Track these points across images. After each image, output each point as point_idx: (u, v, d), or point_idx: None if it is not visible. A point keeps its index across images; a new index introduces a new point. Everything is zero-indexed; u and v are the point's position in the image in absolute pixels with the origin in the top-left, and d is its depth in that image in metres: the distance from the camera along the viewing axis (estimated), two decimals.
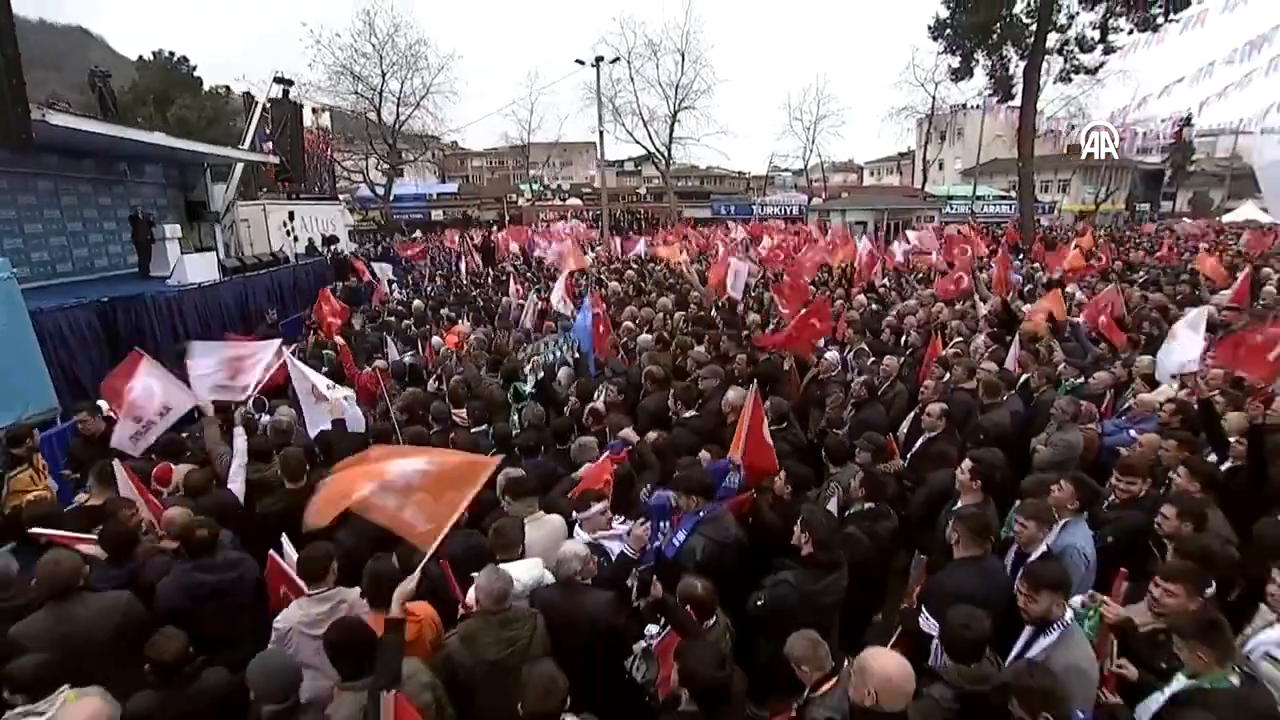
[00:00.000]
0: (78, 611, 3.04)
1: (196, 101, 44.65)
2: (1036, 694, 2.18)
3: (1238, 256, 14.82)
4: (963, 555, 3.29)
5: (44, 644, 2.83)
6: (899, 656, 2.30)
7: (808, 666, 2.56)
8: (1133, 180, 47.54)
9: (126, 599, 3.19)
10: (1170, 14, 24.27)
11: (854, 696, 2.26)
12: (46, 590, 3.02)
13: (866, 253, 13.39)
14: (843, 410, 5.70)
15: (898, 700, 2.19)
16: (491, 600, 2.76)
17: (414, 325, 9.31)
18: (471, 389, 5.87)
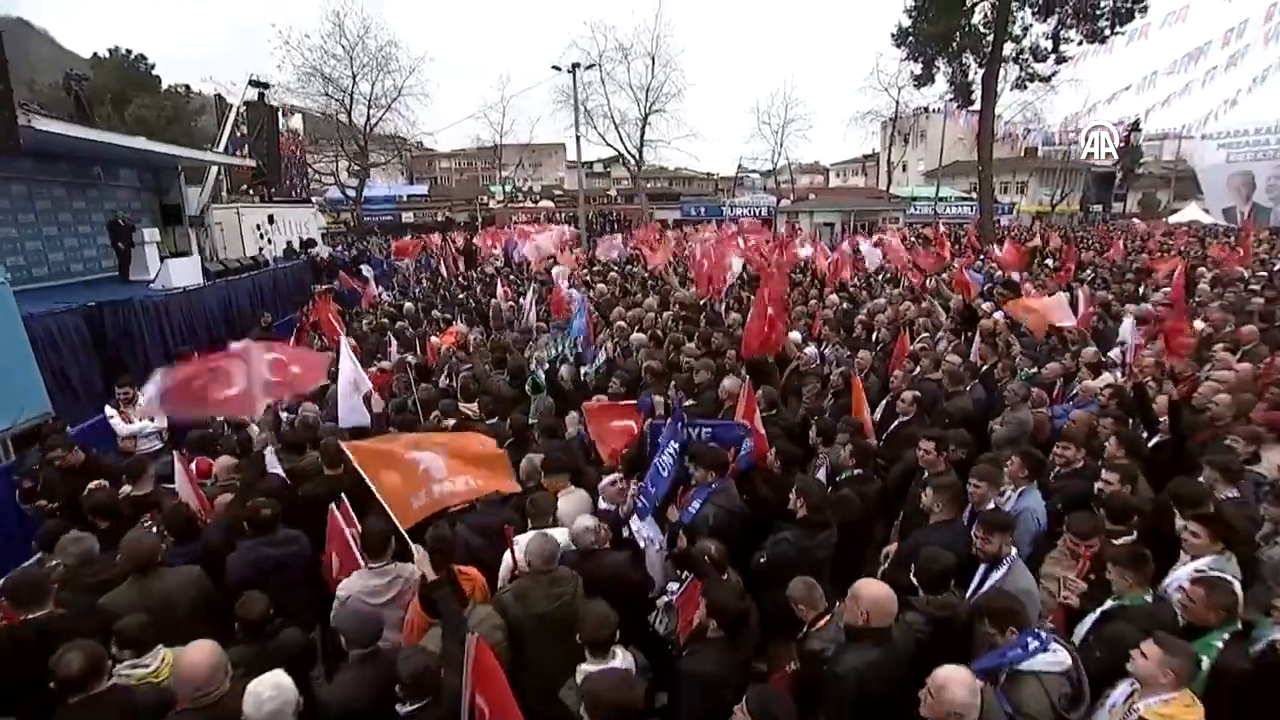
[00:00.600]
0: (157, 585, 3.40)
1: (155, 101, 43.70)
2: (1002, 612, 2.75)
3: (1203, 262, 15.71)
4: (940, 519, 3.87)
5: (131, 613, 3.20)
6: (884, 584, 2.85)
7: (805, 606, 3.07)
8: (1086, 182, 49.56)
9: (198, 573, 3.56)
10: (1116, 27, 25.66)
11: (849, 619, 2.78)
12: (130, 565, 3.37)
13: (836, 256, 14.04)
14: (821, 399, 6.27)
15: (885, 618, 2.73)
16: (542, 560, 3.22)
17: (410, 327, 9.65)
18: (481, 384, 6.27)
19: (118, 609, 3.21)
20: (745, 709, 2.35)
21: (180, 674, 2.50)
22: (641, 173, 43.26)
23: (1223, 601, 2.73)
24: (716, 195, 53.27)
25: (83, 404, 9.19)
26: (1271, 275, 12.94)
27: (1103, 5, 25.43)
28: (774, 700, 2.42)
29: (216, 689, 2.50)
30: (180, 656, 2.55)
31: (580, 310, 7.25)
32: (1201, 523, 3.25)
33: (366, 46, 34.81)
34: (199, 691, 2.47)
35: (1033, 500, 4.04)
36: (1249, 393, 5.56)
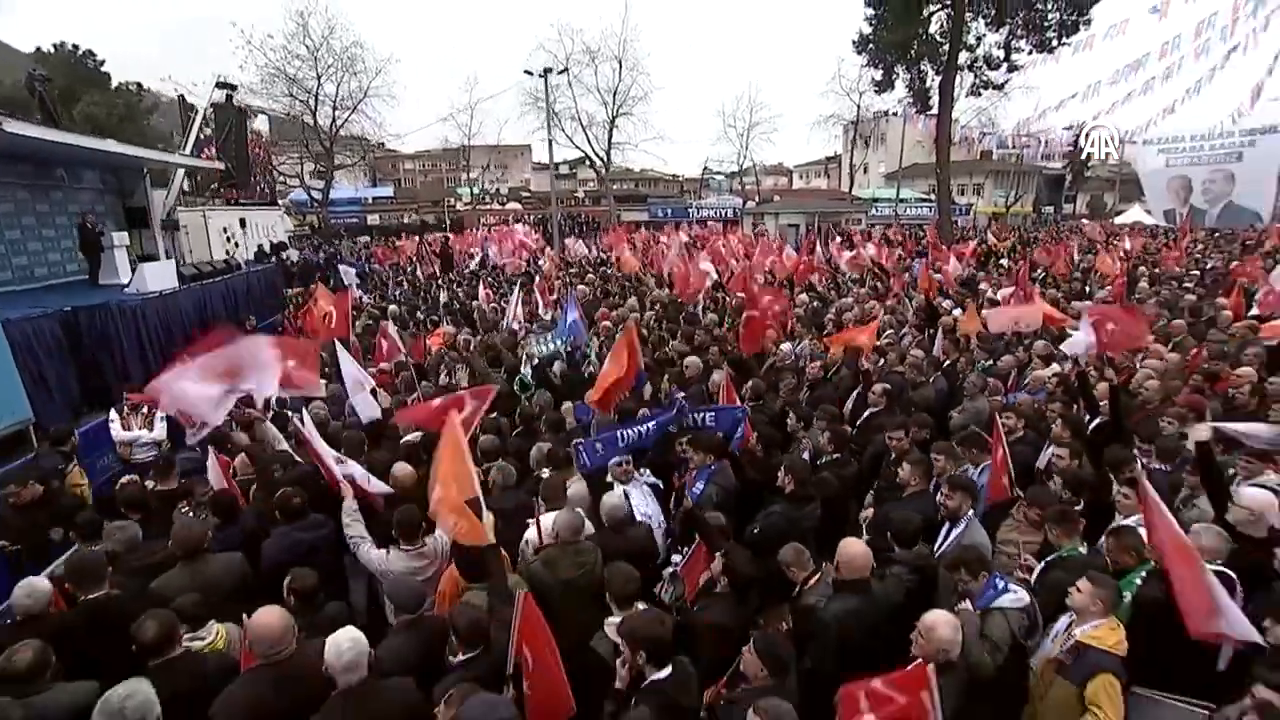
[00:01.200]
0: (204, 569, 3.69)
1: (106, 99, 42.28)
2: (974, 561, 3.29)
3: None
4: (913, 491, 4.40)
5: (184, 593, 3.48)
6: (860, 543, 3.37)
7: (796, 568, 3.52)
8: (1038, 184, 51.62)
9: (239, 559, 3.86)
10: (1063, 38, 27.03)
11: (833, 575, 3.25)
12: (181, 550, 3.65)
13: (804, 257, 14.66)
14: (798, 392, 6.77)
15: (858, 571, 3.27)
16: (570, 532, 3.64)
17: (397, 329, 9.86)
18: (480, 382, 6.59)
19: (169, 591, 3.49)
20: (753, 648, 2.78)
21: (256, 634, 2.81)
22: (609, 175, 43.65)
23: (1131, 544, 3.33)
24: (683, 197, 53.89)
25: (59, 409, 9.17)
26: (1204, 273, 13.92)
27: (1050, 18, 26.78)
28: (778, 642, 2.85)
29: (286, 648, 2.83)
30: (254, 620, 2.85)
31: (570, 308, 7.63)
32: (1130, 487, 3.83)
33: (331, 47, 34.42)
34: (273, 649, 2.79)
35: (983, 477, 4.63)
36: (1177, 380, 6.24)
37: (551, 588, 3.49)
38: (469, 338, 8.51)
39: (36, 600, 3.30)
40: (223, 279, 15.86)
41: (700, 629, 3.28)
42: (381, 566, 3.71)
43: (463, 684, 2.50)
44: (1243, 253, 18.93)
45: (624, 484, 4.48)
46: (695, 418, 4.87)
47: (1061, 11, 26.54)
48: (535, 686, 2.70)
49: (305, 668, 2.79)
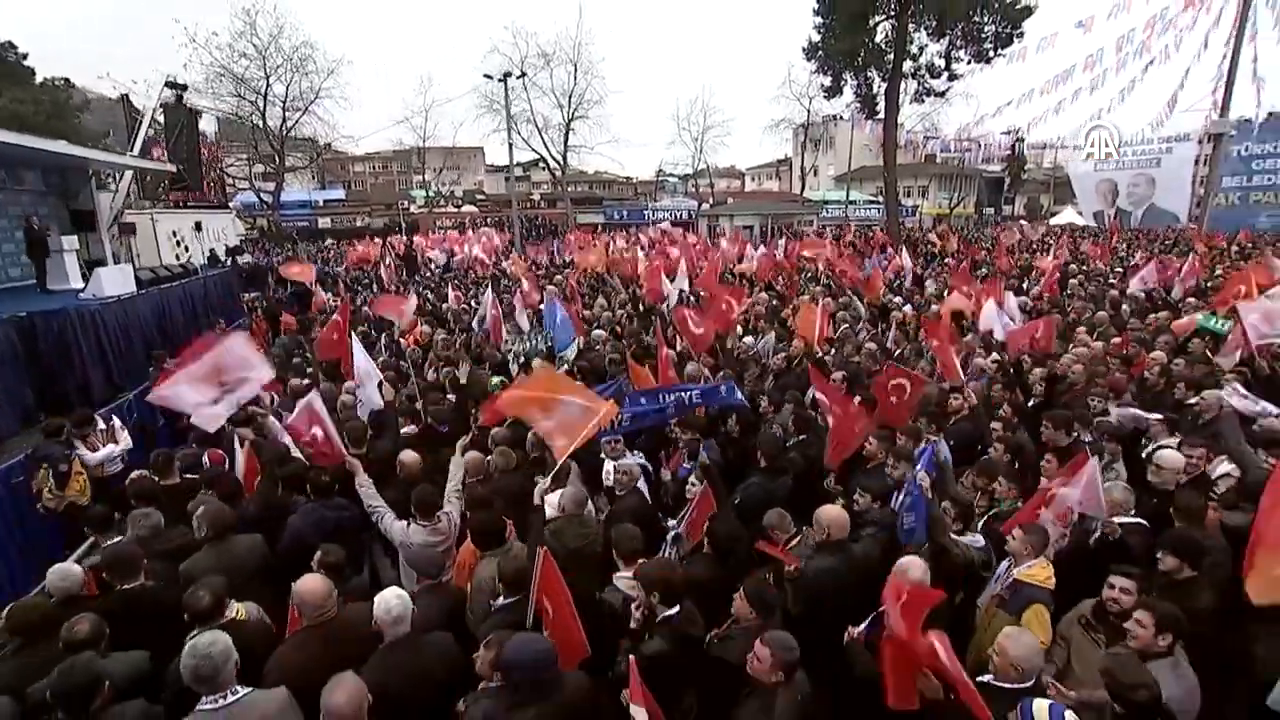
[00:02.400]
0: (230, 550, 3.94)
1: (30, 94, 40.13)
2: (940, 521, 3.78)
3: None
4: (877, 463, 4.92)
5: (209, 574, 3.72)
6: (839, 508, 3.84)
7: (779, 530, 3.97)
8: (979, 187, 53.98)
9: (260, 540, 4.10)
10: (998, 49, 28.59)
11: (816, 538, 3.70)
12: (214, 530, 3.90)
13: (762, 256, 15.28)
14: (762, 382, 7.30)
15: (843, 530, 3.71)
16: (575, 505, 4.03)
17: (371, 330, 10.02)
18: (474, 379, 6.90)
19: (198, 572, 3.73)
20: (743, 594, 3.21)
21: (303, 598, 3.11)
22: (565, 177, 43.87)
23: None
24: (638, 199, 54.42)
25: (11, 419, 8.99)
26: (1126, 270, 15.10)
27: (987, 30, 28.30)
28: (764, 587, 3.29)
29: (330, 609, 3.14)
30: (300, 585, 3.14)
31: (556, 307, 7.96)
32: (1054, 454, 4.47)
33: (280, 47, 33.71)
34: (318, 611, 3.09)
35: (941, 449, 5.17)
36: (1100, 366, 6.99)
37: (558, 554, 3.86)
38: (445, 337, 8.76)
39: (71, 583, 3.51)
40: (180, 283, 15.61)
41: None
42: (402, 538, 4.02)
43: (499, 630, 2.86)
44: (1162, 250, 20.54)
45: (615, 460, 4.89)
46: (683, 396, 5.28)
47: (997, 24, 28.07)
48: (554, 633, 3.07)
49: (349, 628, 3.11)
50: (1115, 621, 3.09)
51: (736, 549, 3.80)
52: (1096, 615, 3.21)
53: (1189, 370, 6.46)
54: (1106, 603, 3.17)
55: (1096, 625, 3.18)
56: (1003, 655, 2.72)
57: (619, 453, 4.98)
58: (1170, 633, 2.80)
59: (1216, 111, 30.62)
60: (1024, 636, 2.79)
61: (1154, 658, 2.79)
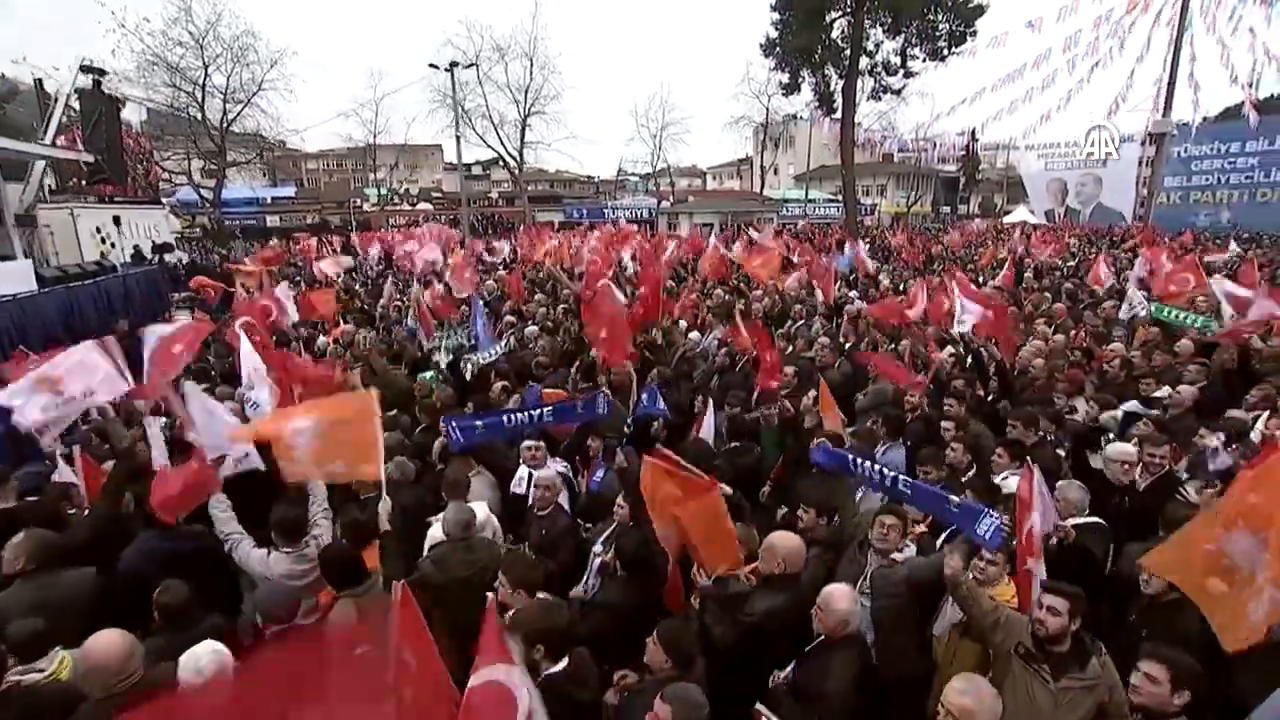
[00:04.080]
0: (55, 584, 3.24)
1: None
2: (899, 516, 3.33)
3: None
4: None
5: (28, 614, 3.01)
6: (796, 536, 3.29)
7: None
8: (936, 186, 54.81)
9: (92, 573, 3.39)
10: (952, 47, 28.81)
11: (764, 567, 3.15)
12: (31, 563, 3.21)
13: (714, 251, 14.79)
14: (709, 380, 6.78)
15: (799, 563, 3.18)
16: (459, 529, 3.37)
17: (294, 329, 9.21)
18: (381, 378, 6.19)
19: (8, 613, 3.02)
20: (656, 639, 2.65)
21: (90, 664, 2.44)
22: (523, 175, 42.97)
23: None
24: (598, 198, 53.81)
25: None
26: (1079, 265, 15.13)
27: (941, 28, 28.47)
28: (682, 632, 2.73)
29: (131, 675, 2.47)
30: (88, 647, 2.48)
31: (478, 314, 7.36)
32: (1005, 448, 4.15)
33: (220, 36, 32.11)
34: (115, 677, 2.43)
35: (895, 456, 4.75)
36: (1060, 360, 6.64)
37: (445, 587, 3.25)
38: (370, 336, 8.05)
39: None
40: (95, 281, 14.47)
41: (593, 610, 3.15)
42: (261, 569, 3.35)
43: None
44: (1109, 246, 20.82)
45: (534, 469, 4.28)
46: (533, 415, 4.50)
47: (951, 23, 28.26)
48: (417, 695, 2.46)
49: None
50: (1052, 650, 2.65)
51: (651, 570, 3.25)
52: (1039, 644, 2.71)
53: (1147, 362, 6.16)
54: (1034, 625, 2.70)
55: (1039, 657, 2.69)
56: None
57: (538, 461, 4.37)
58: (1188, 690, 2.34)
59: (1159, 112, 31.44)
60: (983, 693, 2.27)
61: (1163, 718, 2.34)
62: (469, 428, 4.20)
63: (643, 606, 3.22)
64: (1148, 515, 3.55)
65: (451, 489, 3.83)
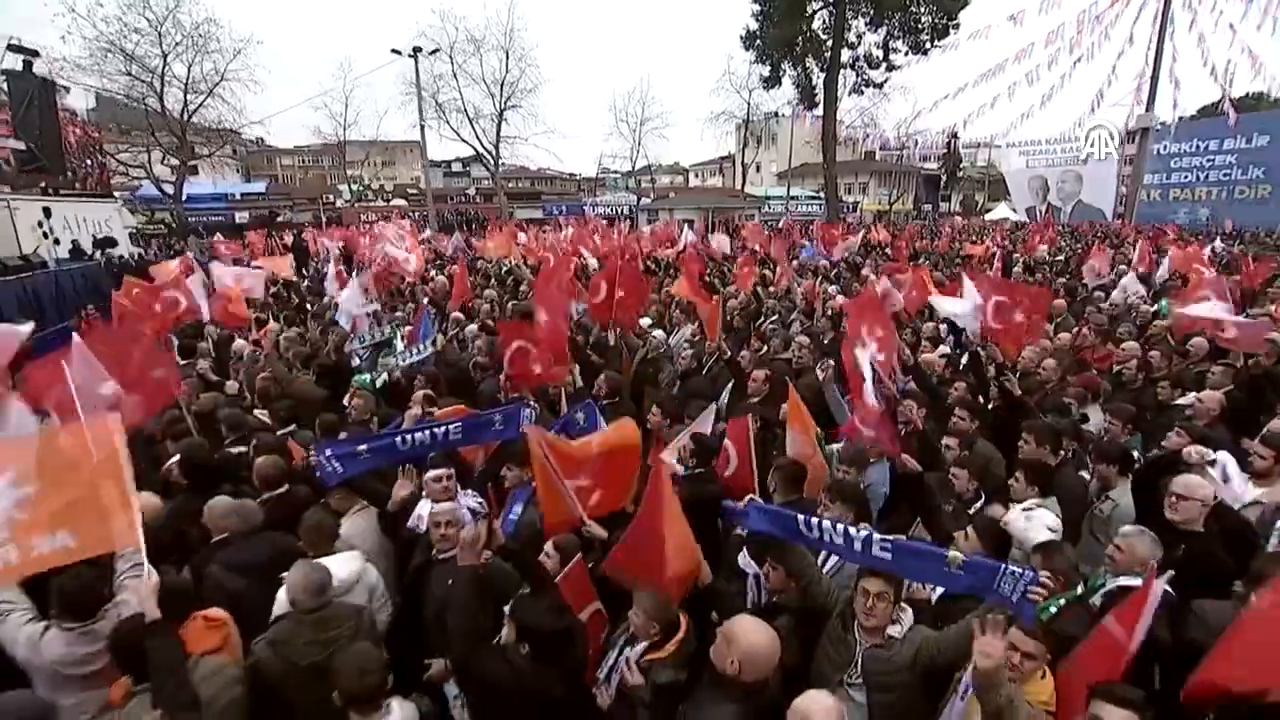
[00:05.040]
0: None
1: None
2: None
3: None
4: (783, 499, 3.58)
5: None
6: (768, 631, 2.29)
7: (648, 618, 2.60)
8: (917, 184, 54.54)
9: None
10: (934, 40, 28.31)
11: (716, 660, 2.28)
12: None
13: (690, 245, 14.03)
14: (672, 385, 5.94)
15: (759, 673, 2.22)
16: (309, 595, 2.49)
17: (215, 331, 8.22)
18: (283, 387, 5.27)
19: None
20: None
21: None
22: (503, 172, 41.88)
23: (1059, 565, 2.63)
24: (579, 195, 52.84)
25: None
26: (1068, 260, 14.55)
27: (923, 21, 27.96)
28: None
29: None
30: None
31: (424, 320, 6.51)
32: (1024, 471, 3.35)
33: (179, 23, 30.66)
34: None
35: (877, 475, 3.93)
36: (1066, 359, 5.90)
37: (286, 676, 2.40)
38: (293, 335, 7.12)
39: None
40: (20, 278, 13.36)
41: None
42: (27, 652, 2.45)
43: None
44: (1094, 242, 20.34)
45: (435, 503, 3.38)
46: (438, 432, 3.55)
47: (933, 15, 27.77)
48: None
49: None
50: None
51: (568, 646, 2.41)
52: None
53: (1167, 363, 5.43)
54: None
55: None
56: None
57: (448, 494, 3.43)
58: None
59: (1141, 107, 31.18)
60: None
61: None
62: (348, 455, 3.29)
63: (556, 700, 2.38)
64: (1212, 564, 2.76)
65: (313, 536, 2.96)
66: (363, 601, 3.01)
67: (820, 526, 2.57)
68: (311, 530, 3.02)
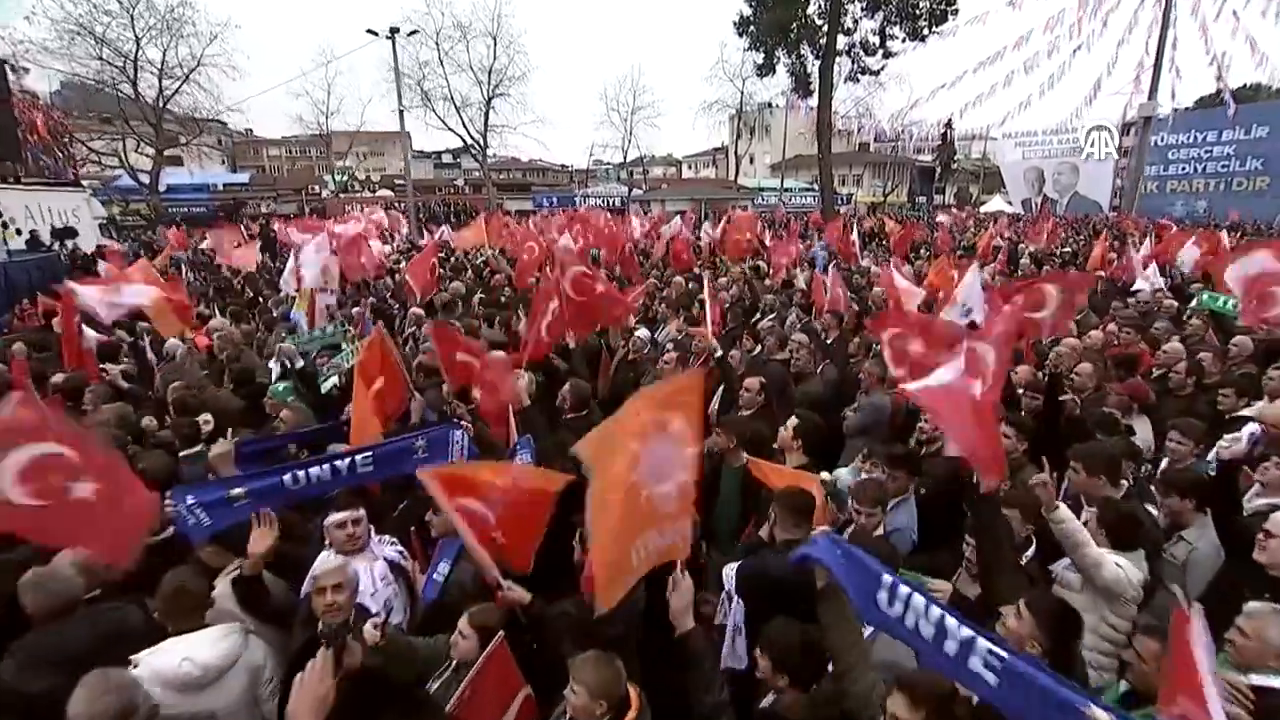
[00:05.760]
0: None
1: None
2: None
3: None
4: (785, 538, 2.89)
5: None
6: None
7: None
8: (911, 176, 53.93)
9: None
10: (932, 26, 27.56)
11: None
12: None
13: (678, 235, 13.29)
14: None
15: None
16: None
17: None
18: (199, 398, 4.50)
19: None
20: None
21: None
22: (494, 164, 40.95)
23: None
24: (570, 186, 51.96)
25: None
26: (1075, 252, 13.92)
27: (921, 6, 27.18)
28: None
29: None
30: None
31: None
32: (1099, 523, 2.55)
33: (153, 5, 29.55)
34: None
35: (904, 516, 3.16)
36: (1098, 360, 5.22)
37: None
38: (233, 333, 6.34)
39: None
40: None
41: None
42: None
43: None
44: (1094, 236, 19.76)
45: (348, 555, 2.68)
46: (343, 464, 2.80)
47: (931, 1, 27.00)
48: None
49: None
50: None
51: None
52: None
53: (1220, 366, 4.75)
54: None
55: None
56: None
57: (356, 545, 2.73)
58: None
59: (1142, 95, 30.55)
60: None
61: None
62: (217, 501, 2.53)
63: None
64: None
65: (170, 607, 2.24)
66: (241, 690, 2.30)
67: (908, 601, 1.73)
68: (169, 599, 2.29)
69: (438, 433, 3.04)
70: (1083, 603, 2.40)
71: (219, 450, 2.96)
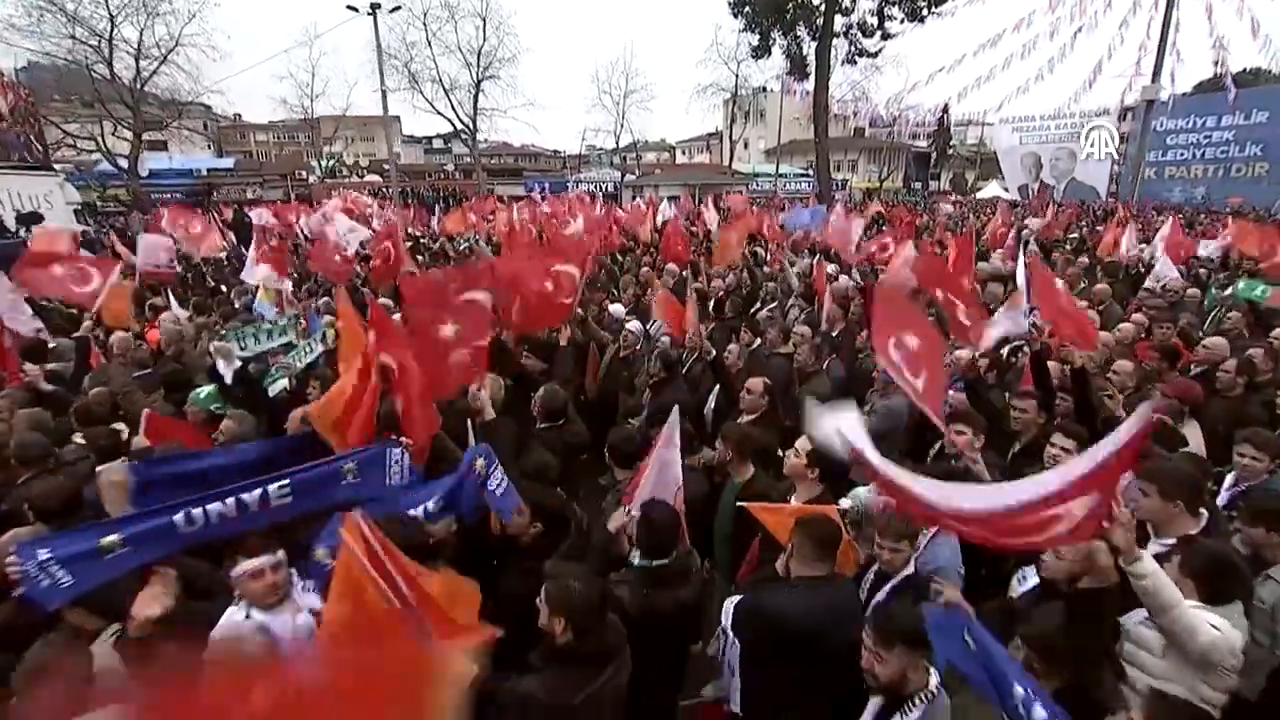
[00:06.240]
0: None
1: None
2: None
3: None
4: (802, 574, 2.41)
5: None
6: None
7: None
8: (907, 162, 53.38)
9: None
10: (931, 7, 26.94)
11: None
12: None
13: (672, 221, 12.74)
14: (642, 396, 4.72)
15: None
16: None
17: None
18: (123, 404, 3.97)
19: None
20: None
21: None
22: (486, 149, 40.17)
23: None
24: (562, 171, 51.17)
25: None
26: (1084, 238, 13.46)
27: None
28: None
29: None
30: None
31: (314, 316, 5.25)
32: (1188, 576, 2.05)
33: None
34: None
35: (947, 551, 2.64)
36: (1129, 356, 4.75)
37: None
38: (185, 327, 5.80)
39: None
40: None
41: None
42: None
43: None
44: (1095, 223, 19.36)
45: (266, 612, 2.18)
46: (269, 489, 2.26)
47: None
48: None
49: None
50: None
51: None
52: None
53: (1273, 364, 4.28)
54: None
55: None
56: None
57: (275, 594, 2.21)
58: None
59: (1145, 78, 30.04)
60: None
61: None
62: (83, 555, 1.96)
63: None
64: None
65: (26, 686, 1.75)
66: None
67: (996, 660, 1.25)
68: (27, 679, 1.78)
69: (372, 452, 2.53)
70: (1165, 670, 1.95)
71: (108, 479, 2.39)
